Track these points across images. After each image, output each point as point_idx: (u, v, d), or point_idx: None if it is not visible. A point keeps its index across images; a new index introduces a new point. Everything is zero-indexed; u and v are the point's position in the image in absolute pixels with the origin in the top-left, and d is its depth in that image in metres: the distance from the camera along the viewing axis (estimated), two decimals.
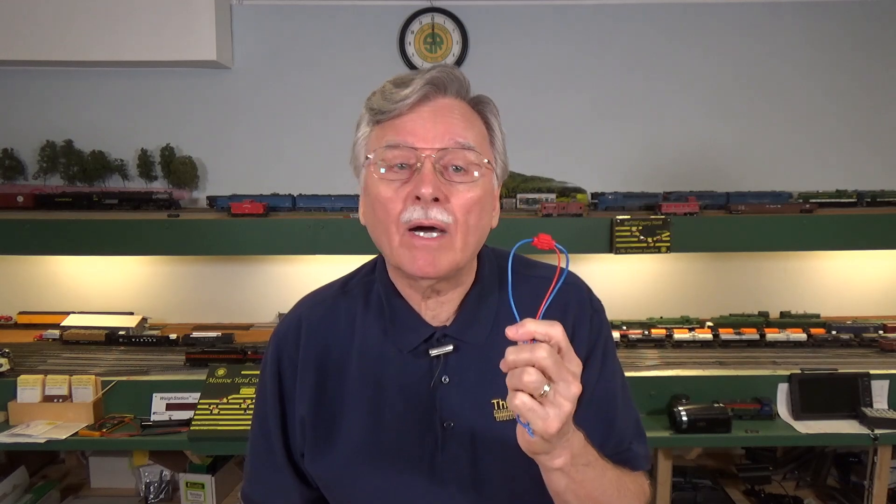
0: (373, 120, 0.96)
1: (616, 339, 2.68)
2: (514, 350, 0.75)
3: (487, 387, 0.99)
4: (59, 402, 2.29)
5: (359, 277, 1.09)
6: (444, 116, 0.93)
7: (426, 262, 0.91)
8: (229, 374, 2.32)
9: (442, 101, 0.94)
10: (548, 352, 0.74)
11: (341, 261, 1.15)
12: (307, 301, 1.11)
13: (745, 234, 2.60)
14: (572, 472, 0.84)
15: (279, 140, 3.04)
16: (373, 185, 0.94)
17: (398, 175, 0.92)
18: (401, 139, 0.91)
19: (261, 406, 1.09)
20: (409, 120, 0.92)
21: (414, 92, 0.91)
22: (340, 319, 1.05)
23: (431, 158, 0.90)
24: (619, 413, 1.05)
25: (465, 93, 0.97)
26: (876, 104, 3.02)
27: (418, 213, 0.90)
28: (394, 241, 0.93)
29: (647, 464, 1.08)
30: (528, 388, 0.74)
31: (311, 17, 3.00)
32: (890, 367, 2.43)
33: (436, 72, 0.93)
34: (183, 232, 2.62)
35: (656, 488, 2.34)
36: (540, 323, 0.75)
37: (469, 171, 0.93)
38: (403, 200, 0.91)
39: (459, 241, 0.92)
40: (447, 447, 0.99)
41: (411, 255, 0.91)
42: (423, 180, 0.89)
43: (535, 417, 0.75)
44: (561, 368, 0.75)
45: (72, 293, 3.04)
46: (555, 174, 2.92)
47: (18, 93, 3.01)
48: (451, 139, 0.91)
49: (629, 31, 3.01)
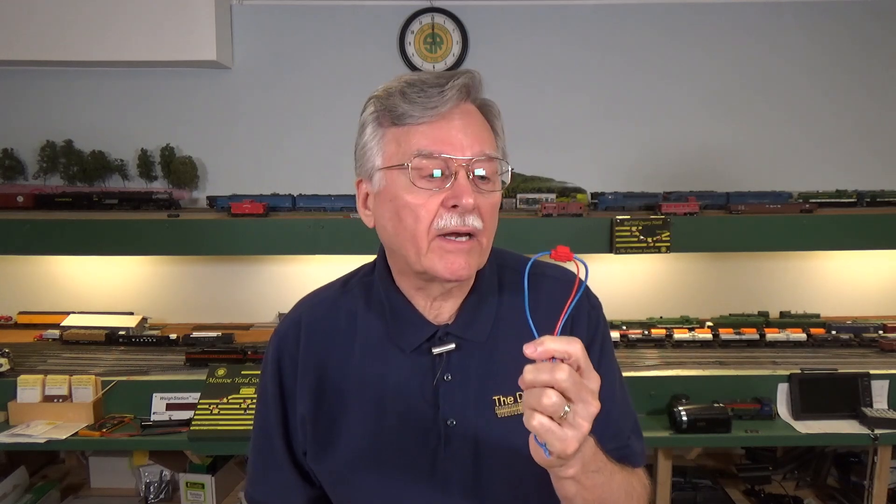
0: (389, 122, 0.95)
1: (616, 339, 2.69)
2: (532, 369, 0.74)
3: (489, 384, 0.99)
4: (59, 402, 2.29)
5: (358, 277, 1.10)
6: (471, 125, 0.94)
7: (460, 265, 0.93)
8: (229, 374, 2.32)
9: (465, 106, 0.95)
10: (568, 374, 0.72)
11: (341, 261, 1.15)
12: (307, 301, 1.11)
13: (745, 234, 2.60)
14: (583, 478, 0.84)
15: (279, 140, 3.04)
16: (402, 192, 0.93)
17: (432, 184, 0.92)
18: (436, 148, 0.91)
19: (262, 406, 1.09)
20: (442, 128, 0.92)
21: (450, 100, 0.92)
22: (341, 319, 1.05)
23: (465, 167, 0.92)
24: (617, 409, 1.05)
25: (476, 96, 0.98)
26: (876, 104, 3.02)
27: (456, 221, 0.92)
28: (422, 248, 0.93)
29: (644, 460, 1.08)
30: (547, 410, 0.72)
31: (311, 17, 3.00)
32: (890, 367, 2.44)
33: (466, 79, 0.94)
34: (183, 232, 2.62)
35: (656, 488, 2.35)
36: (559, 340, 0.74)
37: (492, 179, 0.96)
38: (437, 208, 0.92)
39: (485, 244, 0.96)
40: (449, 445, 0.99)
41: (444, 260, 0.93)
42: (462, 191, 0.91)
43: (554, 439, 0.73)
44: (581, 389, 0.73)
45: (72, 293, 3.04)
46: (555, 174, 2.92)
47: (18, 93, 3.00)
48: (480, 150, 0.93)
49: (629, 31, 3.01)
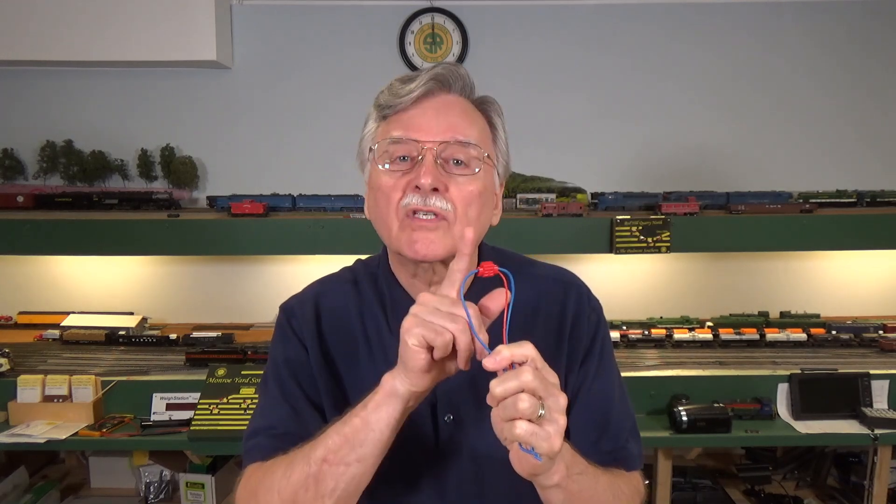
0: (380, 116, 0.98)
1: (616, 339, 2.69)
2: (498, 381, 0.74)
3: (488, 380, 0.99)
4: (59, 402, 2.29)
5: (364, 269, 1.10)
6: (446, 112, 0.95)
7: (423, 244, 0.92)
8: (229, 374, 2.32)
9: (446, 97, 0.96)
10: (533, 373, 0.74)
11: (341, 261, 1.15)
12: (319, 283, 1.10)
13: (745, 234, 2.60)
14: (569, 484, 0.84)
15: (279, 140, 3.04)
16: (376, 177, 0.96)
17: (400, 166, 0.94)
18: (403, 133, 0.93)
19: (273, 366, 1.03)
20: (413, 115, 0.95)
21: (418, 87, 0.93)
22: (351, 304, 1.05)
23: (433, 151, 0.92)
24: (616, 412, 1.05)
25: (470, 91, 0.99)
26: (876, 104, 3.02)
27: (417, 200, 0.92)
28: (393, 227, 0.95)
29: (641, 463, 1.08)
30: (525, 414, 0.73)
31: (311, 17, 3.00)
32: (890, 367, 2.43)
33: (440, 68, 0.95)
34: (183, 232, 2.61)
35: (656, 488, 2.34)
36: (513, 346, 0.75)
37: (470, 165, 0.95)
38: (403, 189, 0.93)
39: (458, 229, 0.93)
40: (446, 440, 0.99)
41: (409, 238, 0.93)
42: (423, 170, 0.91)
43: (540, 440, 0.74)
44: (547, 385, 0.75)
45: (72, 293, 3.04)
46: (555, 174, 2.92)
47: (18, 93, 3.00)
48: (452, 135, 0.93)
49: (629, 31, 3.01)
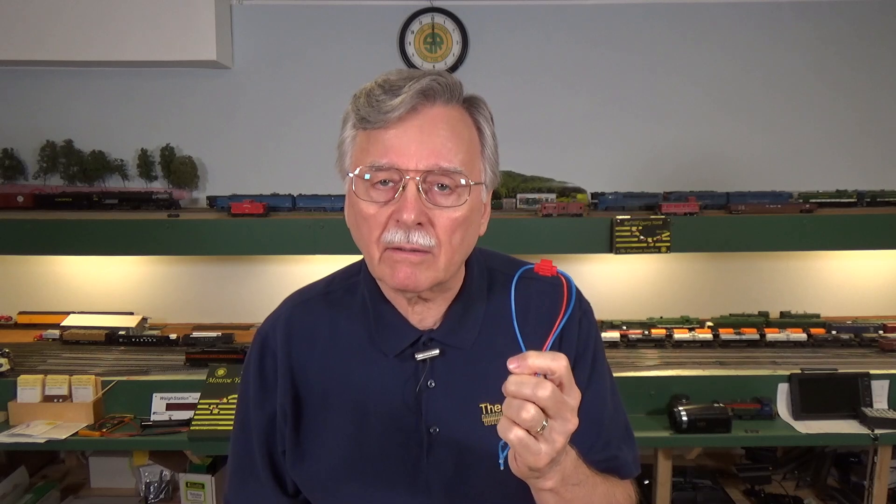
0: (358, 124, 0.91)
1: (616, 339, 2.69)
2: (515, 381, 0.73)
3: (474, 391, 0.97)
4: (59, 402, 2.29)
5: (342, 279, 1.07)
6: (430, 134, 0.87)
7: (406, 276, 0.88)
8: (229, 374, 2.32)
9: (430, 111, 0.88)
10: (551, 392, 0.72)
11: (341, 261, 1.14)
12: (291, 300, 1.08)
13: (745, 234, 2.61)
14: (563, 491, 0.83)
15: (279, 140, 3.04)
16: (358, 200, 0.90)
17: (380, 193, 0.89)
18: (386, 160, 0.87)
19: (242, 407, 1.06)
20: (395, 136, 0.87)
21: (402, 104, 0.86)
22: (323, 322, 1.03)
23: (416, 181, 0.86)
24: (608, 417, 1.03)
25: (458, 96, 0.92)
26: (877, 104, 3.02)
27: (399, 237, 0.87)
28: (374, 257, 0.91)
29: (637, 469, 1.05)
30: (525, 424, 0.72)
31: (311, 17, 3.00)
32: (890, 367, 2.43)
33: (427, 81, 0.87)
34: (183, 232, 2.62)
35: (656, 488, 2.34)
36: (543, 356, 0.73)
37: (455, 191, 0.89)
38: (384, 222, 0.88)
39: (443, 261, 0.90)
40: (432, 454, 0.97)
41: (393, 270, 0.89)
42: (405, 205, 0.86)
43: (527, 453, 0.73)
44: (561, 406, 0.73)
45: (72, 293, 3.04)
46: (555, 174, 2.92)
47: (18, 93, 3.00)
48: (436, 162, 0.87)
49: (629, 31, 3.01)
